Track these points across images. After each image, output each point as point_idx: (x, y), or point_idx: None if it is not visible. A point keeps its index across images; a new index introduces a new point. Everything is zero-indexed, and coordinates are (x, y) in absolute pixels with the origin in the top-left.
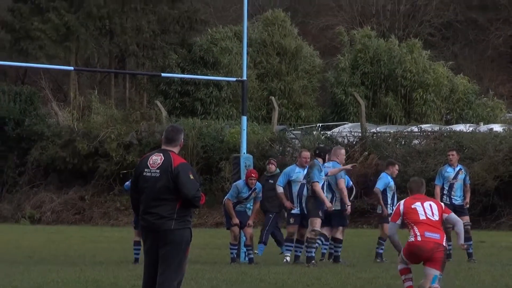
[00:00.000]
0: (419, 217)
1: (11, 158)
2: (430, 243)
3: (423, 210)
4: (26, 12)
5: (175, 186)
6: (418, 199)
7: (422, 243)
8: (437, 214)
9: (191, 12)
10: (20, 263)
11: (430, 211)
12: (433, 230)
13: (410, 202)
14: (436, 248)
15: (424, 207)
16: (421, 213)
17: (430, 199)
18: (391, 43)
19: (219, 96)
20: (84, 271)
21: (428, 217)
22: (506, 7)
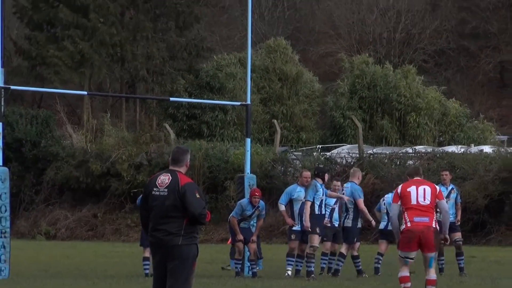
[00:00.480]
0: (410, 201)
1: (28, 177)
2: (419, 225)
3: (416, 194)
4: (43, 40)
5: (182, 204)
6: (414, 183)
7: (411, 227)
8: (429, 198)
9: (198, 40)
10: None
11: (422, 196)
12: (422, 214)
13: (406, 185)
14: (426, 230)
15: (418, 191)
16: (413, 197)
17: (426, 183)
18: (387, 70)
19: (224, 119)
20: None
21: (418, 201)
22: (496, 35)
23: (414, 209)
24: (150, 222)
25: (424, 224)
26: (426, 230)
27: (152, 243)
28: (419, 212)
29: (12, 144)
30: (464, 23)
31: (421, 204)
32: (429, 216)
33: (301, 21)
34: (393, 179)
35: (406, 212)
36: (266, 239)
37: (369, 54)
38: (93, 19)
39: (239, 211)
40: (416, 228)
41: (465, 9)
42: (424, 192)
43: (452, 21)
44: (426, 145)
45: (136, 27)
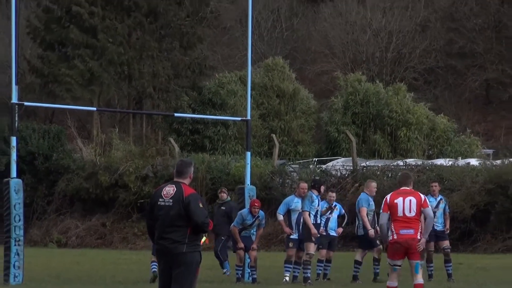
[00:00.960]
0: (397, 213)
1: (40, 189)
2: (404, 237)
3: (402, 207)
4: (54, 59)
5: (186, 214)
6: (401, 194)
7: (398, 239)
8: (414, 209)
9: (201, 59)
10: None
11: (408, 208)
12: (407, 226)
13: (394, 196)
14: (411, 241)
15: (404, 203)
16: (399, 209)
17: (412, 194)
18: (379, 87)
19: (226, 134)
20: None
21: (405, 213)
22: (482, 54)
23: (400, 221)
24: (156, 231)
25: (409, 236)
26: (411, 241)
27: (158, 250)
28: (404, 224)
29: (25, 157)
30: (451, 43)
31: (407, 216)
32: (414, 228)
33: (298, 41)
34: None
35: (393, 224)
36: (265, 247)
37: (362, 72)
38: (102, 39)
39: (239, 221)
40: (402, 240)
41: (452, 30)
42: (410, 204)
43: (440, 41)
44: (416, 158)
45: (143, 47)
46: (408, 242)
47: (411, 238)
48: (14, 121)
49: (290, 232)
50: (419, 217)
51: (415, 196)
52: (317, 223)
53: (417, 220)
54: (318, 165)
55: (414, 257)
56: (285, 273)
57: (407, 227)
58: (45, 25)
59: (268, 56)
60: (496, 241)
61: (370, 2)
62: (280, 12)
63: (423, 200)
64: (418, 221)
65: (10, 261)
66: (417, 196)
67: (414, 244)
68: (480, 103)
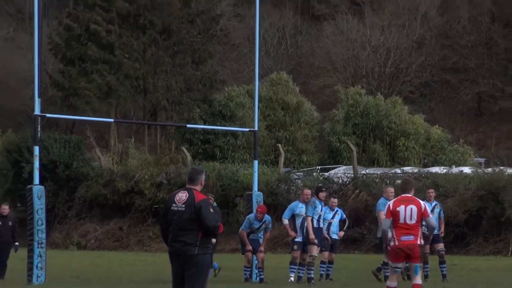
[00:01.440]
0: (399, 220)
1: (61, 195)
2: (405, 243)
3: (404, 214)
4: (74, 74)
5: (198, 218)
6: (403, 202)
7: (399, 245)
8: (415, 217)
9: (211, 73)
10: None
11: (409, 216)
12: (408, 233)
13: (396, 204)
14: (412, 246)
15: (406, 211)
16: (401, 217)
17: (413, 202)
18: (378, 100)
19: (235, 144)
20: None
21: (406, 221)
22: (474, 69)
23: (401, 228)
24: (170, 234)
25: (410, 242)
26: (412, 246)
27: (171, 253)
28: (405, 231)
29: (47, 165)
30: (446, 59)
31: (408, 224)
32: (414, 234)
33: (302, 57)
34: None
35: (394, 230)
36: (272, 250)
37: (362, 86)
38: (119, 55)
39: (247, 225)
40: (403, 246)
41: (447, 46)
42: (411, 212)
43: (435, 57)
44: (413, 166)
45: (157, 62)
46: (409, 247)
47: (411, 244)
48: (36, 132)
49: (295, 236)
50: (419, 224)
51: (416, 204)
52: (319, 227)
53: (418, 227)
54: (321, 172)
55: (415, 261)
56: (290, 274)
57: (408, 234)
58: (65, 42)
59: (274, 71)
60: (488, 244)
61: (369, 21)
62: (285, 30)
63: (423, 208)
64: (418, 228)
65: (33, 263)
66: (417, 204)
67: (414, 250)
68: (472, 115)
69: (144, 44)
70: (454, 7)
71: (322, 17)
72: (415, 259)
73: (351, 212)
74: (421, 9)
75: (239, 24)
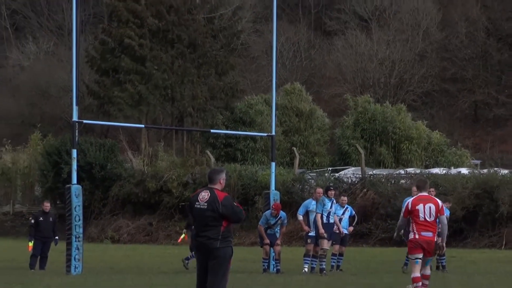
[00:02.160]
0: (419, 218)
1: (97, 193)
2: (424, 238)
3: (423, 212)
4: (109, 84)
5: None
6: (422, 201)
7: (419, 239)
8: (433, 215)
9: (233, 83)
10: (104, 273)
11: (428, 214)
12: (427, 229)
13: (415, 203)
14: (430, 242)
15: (425, 209)
16: (421, 215)
17: (431, 201)
18: (384, 107)
19: (254, 147)
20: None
21: (425, 218)
22: (470, 80)
23: (421, 224)
24: (194, 229)
25: (428, 238)
26: (430, 242)
27: (196, 246)
28: (425, 227)
29: (84, 166)
30: (445, 70)
31: (427, 221)
32: (433, 231)
33: (315, 69)
34: (389, 195)
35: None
36: (287, 243)
37: (370, 95)
38: (149, 66)
39: (264, 221)
40: (422, 240)
41: (446, 59)
42: (430, 210)
43: (435, 68)
44: (415, 167)
45: (184, 73)
46: (427, 242)
47: (430, 240)
48: (74, 136)
49: (308, 230)
50: (436, 221)
51: (433, 203)
52: (329, 222)
53: (435, 224)
54: (332, 173)
55: (428, 255)
56: (304, 265)
57: (427, 230)
58: (101, 55)
59: (289, 81)
60: (483, 238)
61: (376, 36)
62: (300, 44)
63: (440, 206)
64: (436, 225)
65: (71, 255)
66: (435, 203)
67: (431, 245)
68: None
69: (172, 57)
70: (453, 23)
71: (333, 32)
72: (429, 254)
73: (359, 209)
74: (422, 25)
75: (258, 39)
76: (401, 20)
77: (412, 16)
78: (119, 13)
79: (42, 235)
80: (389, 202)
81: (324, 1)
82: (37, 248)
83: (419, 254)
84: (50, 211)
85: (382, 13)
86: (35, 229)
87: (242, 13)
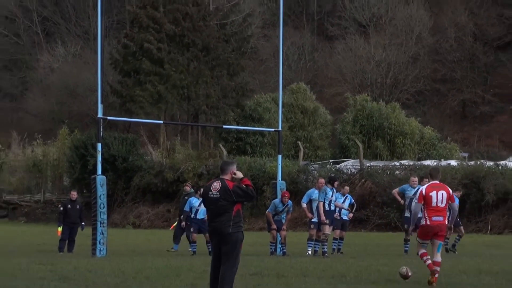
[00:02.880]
0: (431, 204)
1: (120, 183)
2: (436, 223)
3: (436, 199)
4: (130, 84)
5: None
6: (435, 188)
7: (430, 224)
8: (445, 202)
9: (243, 83)
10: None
11: (441, 200)
12: (438, 214)
13: (429, 190)
14: (441, 226)
15: (438, 195)
16: (433, 201)
17: (443, 188)
18: (381, 105)
19: (262, 141)
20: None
21: (438, 204)
22: (459, 80)
23: (433, 210)
24: (208, 217)
25: (439, 222)
26: (441, 225)
27: (210, 231)
28: (437, 212)
29: (108, 159)
30: (436, 71)
31: (439, 206)
32: (443, 216)
33: (318, 70)
34: (385, 185)
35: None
36: (292, 228)
37: (367, 94)
38: (167, 68)
39: (272, 207)
40: (434, 224)
41: (437, 61)
42: (442, 197)
43: (427, 70)
44: (409, 159)
45: (198, 74)
46: (439, 226)
47: (441, 224)
48: (99, 131)
49: (312, 217)
50: (447, 207)
51: (445, 190)
52: (330, 209)
53: (446, 209)
54: (333, 165)
55: (440, 238)
56: (308, 248)
57: (438, 215)
58: (123, 57)
59: (295, 81)
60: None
61: (373, 40)
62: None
63: (451, 194)
64: (446, 210)
65: (97, 239)
66: (446, 190)
67: (443, 228)
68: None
69: (188, 59)
70: (443, 29)
71: (334, 37)
72: (440, 237)
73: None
74: (415, 30)
75: (266, 43)
76: (396, 26)
77: (406, 22)
78: (140, 19)
79: (69, 221)
80: (385, 191)
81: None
82: (65, 233)
83: (427, 240)
84: (77, 199)
85: (379, 19)
86: (64, 216)
87: (251, 20)
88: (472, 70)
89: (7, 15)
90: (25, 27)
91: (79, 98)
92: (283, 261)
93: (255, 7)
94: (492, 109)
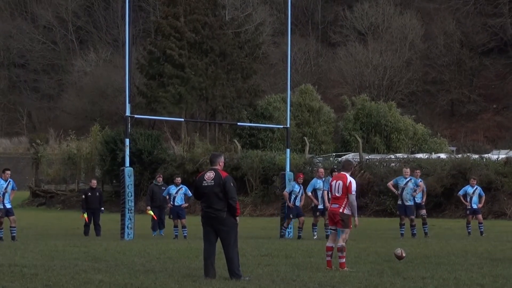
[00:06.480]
0: (332, 191)
1: (145, 174)
2: (331, 210)
3: (335, 188)
4: (155, 86)
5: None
6: (336, 178)
7: (329, 210)
8: (340, 191)
9: (255, 85)
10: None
11: (336, 188)
12: (335, 201)
13: (332, 180)
14: (336, 214)
15: (333, 185)
16: (333, 190)
17: (341, 179)
18: (378, 105)
19: (272, 137)
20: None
21: (334, 193)
22: (448, 82)
23: (333, 198)
24: (203, 203)
25: (335, 209)
26: (336, 214)
27: (204, 216)
28: (334, 200)
29: (135, 152)
30: (427, 74)
31: (336, 195)
32: (339, 204)
33: (322, 73)
34: (382, 175)
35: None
36: None
37: (366, 95)
38: (188, 72)
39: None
40: (331, 210)
41: (428, 65)
42: (337, 186)
43: (419, 73)
44: (403, 153)
45: (215, 77)
46: (333, 213)
47: (335, 210)
48: (127, 128)
49: (317, 204)
50: (344, 196)
51: (342, 181)
52: None
53: (343, 199)
54: (336, 158)
55: (337, 225)
56: (314, 232)
57: (335, 202)
58: (148, 62)
59: (302, 83)
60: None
61: (371, 47)
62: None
63: (347, 185)
64: (343, 200)
65: (125, 224)
66: (344, 182)
67: (336, 217)
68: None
69: (206, 64)
70: (433, 37)
71: (336, 44)
72: (337, 224)
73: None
74: (409, 38)
75: (275, 49)
76: (391, 34)
77: (400, 31)
78: (163, 28)
79: (90, 207)
80: (382, 181)
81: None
82: (88, 218)
83: (333, 226)
84: (96, 187)
85: (376, 28)
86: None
87: (263, 28)
88: (459, 73)
89: (45, 25)
90: (61, 35)
91: (109, 98)
92: (291, 244)
93: (266, 17)
94: (477, 107)
